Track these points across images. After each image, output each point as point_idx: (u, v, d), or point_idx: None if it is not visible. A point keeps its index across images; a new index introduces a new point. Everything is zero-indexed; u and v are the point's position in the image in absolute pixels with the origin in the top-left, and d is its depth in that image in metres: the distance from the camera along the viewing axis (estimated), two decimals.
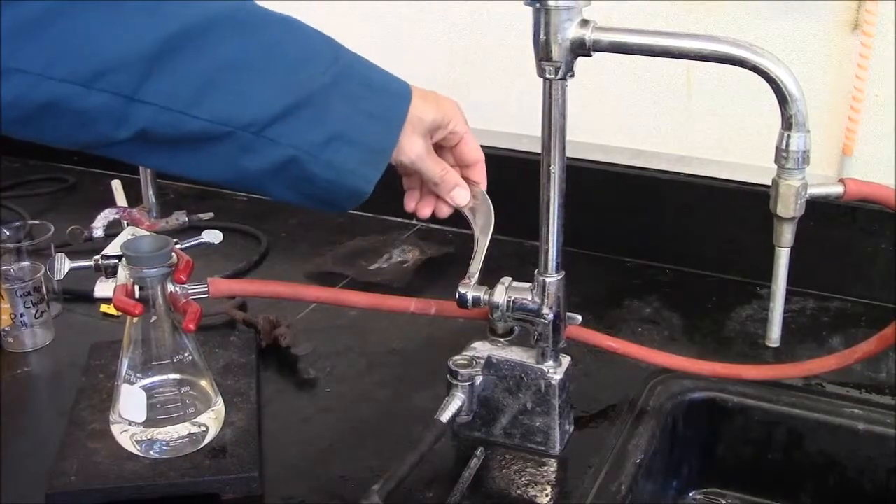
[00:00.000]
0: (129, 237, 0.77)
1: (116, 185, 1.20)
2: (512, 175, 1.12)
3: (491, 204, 0.76)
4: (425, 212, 0.77)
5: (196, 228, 1.04)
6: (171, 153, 0.59)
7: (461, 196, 0.75)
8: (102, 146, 0.57)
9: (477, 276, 0.74)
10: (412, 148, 0.67)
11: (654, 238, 1.08)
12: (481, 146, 1.17)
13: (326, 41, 0.63)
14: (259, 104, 0.58)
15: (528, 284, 0.74)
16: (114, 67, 0.53)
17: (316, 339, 0.91)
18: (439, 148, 0.74)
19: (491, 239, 0.75)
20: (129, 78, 0.54)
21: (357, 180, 0.64)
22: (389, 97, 0.65)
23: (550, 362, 0.74)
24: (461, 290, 0.74)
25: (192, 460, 0.71)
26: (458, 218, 1.18)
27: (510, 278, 0.75)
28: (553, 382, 0.74)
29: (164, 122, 0.56)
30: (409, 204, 0.77)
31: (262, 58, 0.58)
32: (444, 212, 0.76)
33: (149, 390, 0.72)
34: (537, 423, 0.75)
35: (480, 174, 0.77)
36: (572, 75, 0.67)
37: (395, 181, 1.19)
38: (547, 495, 0.71)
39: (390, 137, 0.65)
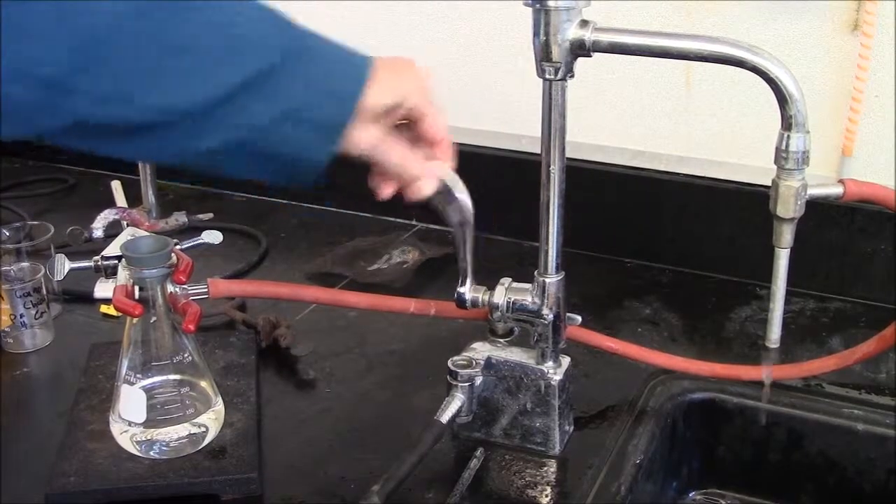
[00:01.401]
0: (129, 238, 0.77)
1: (116, 185, 1.20)
2: (512, 175, 1.12)
3: (465, 191, 0.69)
4: (386, 192, 0.71)
5: (196, 229, 1.04)
6: (110, 141, 0.56)
7: (425, 188, 0.68)
8: (36, 137, 0.55)
9: (469, 275, 0.73)
10: (363, 137, 0.63)
11: (654, 239, 1.08)
12: (480, 146, 1.18)
13: (275, 18, 0.60)
14: (205, 88, 0.55)
15: (527, 285, 0.74)
16: (41, 58, 0.50)
17: (315, 340, 0.91)
18: (401, 124, 0.68)
19: (490, 240, 0.74)
20: (57, 69, 0.51)
21: (312, 154, 0.61)
22: (344, 74, 0.61)
23: (550, 363, 0.74)
24: (460, 290, 0.74)
25: (191, 461, 0.71)
26: None
27: (510, 279, 0.75)
28: (553, 383, 0.74)
29: (99, 114, 0.53)
30: (371, 180, 0.71)
31: (206, 39, 0.55)
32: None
33: (148, 391, 0.72)
34: (537, 424, 0.75)
35: (445, 153, 0.70)
36: (572, 76, 0.67)
37: None
38: (547, 496, 0.71)
39: (345, 113, 0.61)
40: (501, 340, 0.77)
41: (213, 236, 0.92)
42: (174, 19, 0.54)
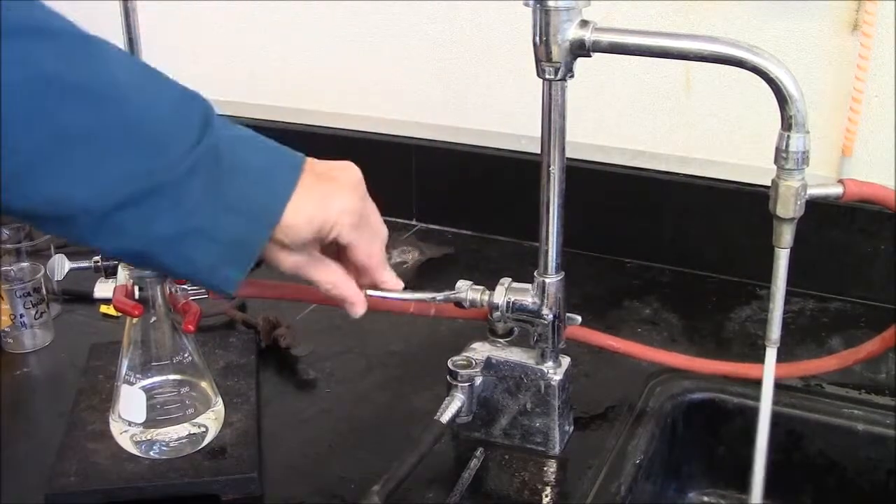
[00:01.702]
0: None
1: None
2: (511, 176, 1.12)
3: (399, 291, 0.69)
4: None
5: None
6: (35, 223, 0.53)
7: (355, 311, 0.65)
8: None
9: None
10: (282, 260, 0.59)
11: (654, 239, 1.08)
12: (480, 146, 1.18)
13: (195, 112, 0.53)
14: (101, 187, 0.49)
15: (527, 285, 0.74)
16: None
17: (315, 340, 0.91)
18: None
19: (490, 240, 0.74)
20: None
21: (217, 280, 0.56)
22: (263, 191, 0.56)
23: (550, 363, 0.74)
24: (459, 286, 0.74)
25: (191, 461, 0.71)
26: (458, 219, 1.19)
27: (510, 279, 0.75)
28: (553, 383, 0.74)
29: None
30: None
31: (113, 132, 0.49)
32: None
33: (148, 391, 0.72)
34: (537, 424, 0.75)
35: (380, 276, 0.66)
36: (572, 76, 0.67)
37: (394, 182, 1.20)
38: (547, 496, 0.71)
39: (258, 237, 0.56)
40: (501, 340, 0.77)
41: None
42: (74, 104, 0.48)
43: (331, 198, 0.59)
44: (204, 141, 0.53)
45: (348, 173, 0.62)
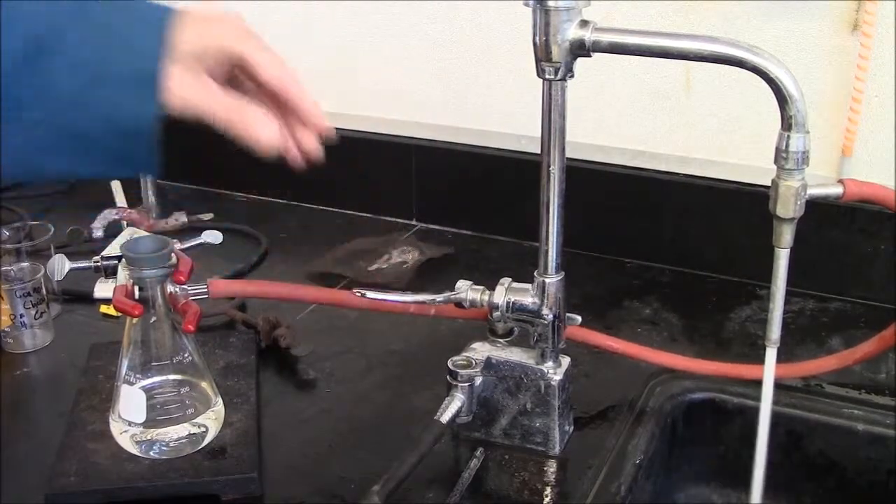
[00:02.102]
0: (129, 238, 0.77)
1: (116, 185, 1.21)
2: (511, 176, 1.12)
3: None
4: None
5: (196, 229, 1.04)
6: None
7: (262, 135, 0.60)
8: None
9: None
10: (182, 89, 0.55)
11: (654, 239, 1.08)
12: (480, 146, 1.18)
13: None
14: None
15: (527, 285, 0.74)
16: None
17: (315, 340, 0.91)
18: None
19: (490, 240, 0.74)
20: None
21: (133, 116, 0.54)
22: (143, 23, 0.55)
23: (550, 363, 0.74)
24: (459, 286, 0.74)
25: (191, 461, 0.71)
26: (458, 219, 1.19)
27: (510, 279, 0.75)
28: (553, 383, 0.74)
29: None
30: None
31: None
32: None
33: (148, 391, 0.72)
34: (537, 424, 0.75)
35: (307, 103, 0.64)
36: (572, 76, 0.67)
37: (394, 182, 1.20)
38: (547, 496, 0.71)
39: (152, 62, 0.54)
40: (501, 340, 0.77)
41: (213, 236, 0.92)
42: None
43: (215, 20, 0.58)
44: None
45: (224, 10, 0.60)
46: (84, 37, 0.52)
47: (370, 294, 0.77)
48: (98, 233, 1.11)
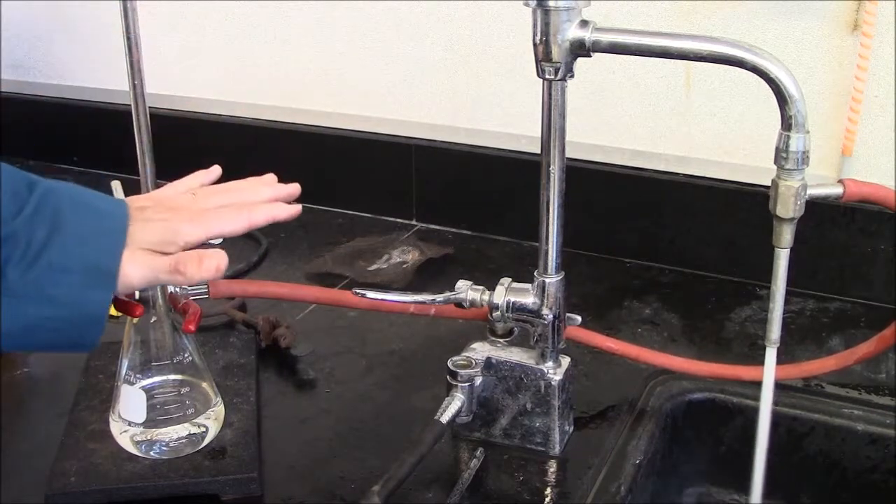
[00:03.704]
0: None
1: (116, 185, 1.20)
2: (511, 176, 1.12)
3: None
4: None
5: None
6: None
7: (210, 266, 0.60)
8: None
9: None
10: (136, 272, 0.58)
11: (654, 239, 1.08)
12: (480, 146, 1.18)
13: (19, 173, 0.55)
14: None
15: (527, 285, 0.74)
16: None
17: (315, 340, 0.91)
18: None
19: (490, 240, 0.74)
20: None
21: (87, 307, 0.55)
22: (101, 213, 0.58)
23: (550, 363, 0.74)
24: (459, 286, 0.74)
25: (191, 461, 0.71)
26: (458, 219, 1.19)
27: (510, 279, 0.75)
28: (553, 383, 0.74)
29: None
30: None
31: None
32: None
33: (148, 391, 0.72)
34: (537, 424, 0.75)
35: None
36: (572, 76, 0.67)
37: (394, 182, 1.20)
38: (547, 496, 0.71)
39: (113, 253, 0.56)
40: (501, 340, 0.77)
41: None
42: None
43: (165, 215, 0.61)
44: (38, 186, 0.55)
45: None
46: (47, 225, 0.54)
47: (370, 294, 0.77)
48: None
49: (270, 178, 0.72)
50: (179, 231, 0.61)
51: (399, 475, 0.66)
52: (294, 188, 0.71)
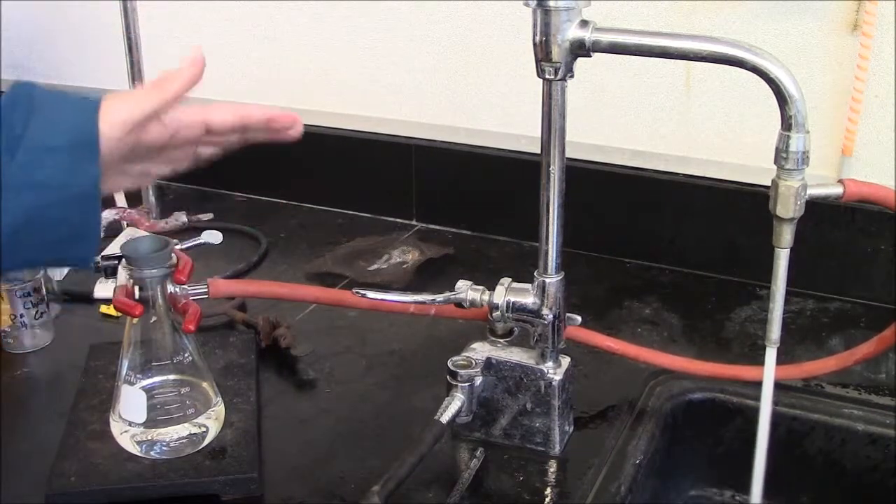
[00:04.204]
0: (129, 238, 0.77)
1: None
2: (511, 176, 1.12)
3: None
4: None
5: (196, 229, 1.04)
6: None
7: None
8: None
9: None
10: (123, 108, 0.59)
11: (654, 239, 1.08)
12: (480, 146, 1.18)
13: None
14: None
15: (527, 285, 0.74)
16: None
17: (315, 340, 0.91)
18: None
19: (490, 240, 0.74)
20: None
21: (77, 185, 0.56)
22: (74, 94, 0.58)
23: (550, 363, 0.74)
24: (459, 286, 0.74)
25: (191, 461, 0.71)
26: (458, 219, 1.19)
27: (510, 279, 0.75)
28: (553, 383, 0.74)
29: None
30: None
31: None
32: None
33: (149, 391, 0.72)
34: (537, 424, 0.75)
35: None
36: (572, 76, 0.67)
37: (394, 182, 1.20)
38: (547, 495, 0.71)
39: (90, 122, 0.57)
40: (501, 340, 0.77)
41: (213, 236, 0.92)
42: None
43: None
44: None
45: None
46: (17, 117, 0.55)
47: (370, 294, 0.77)
48: None
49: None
50: (165, 101, 0.61)
51: (399, 475, 0.66)
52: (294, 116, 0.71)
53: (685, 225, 1.06)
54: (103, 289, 0.98)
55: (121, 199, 1.17)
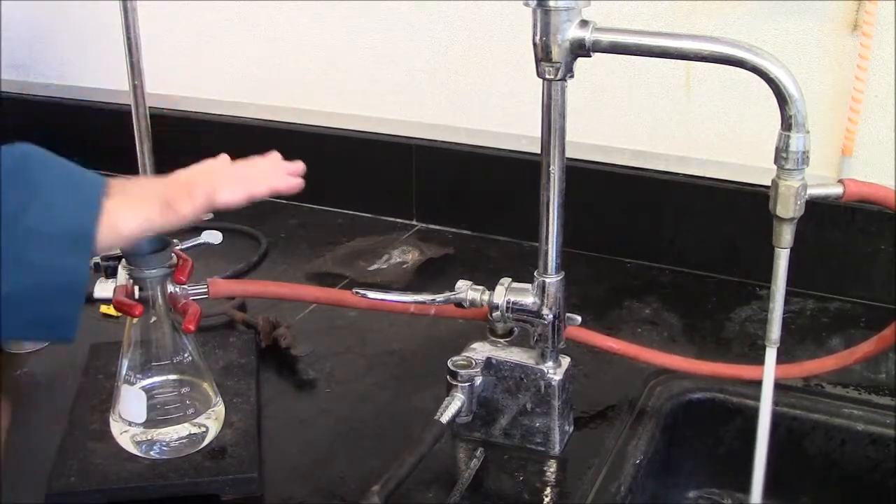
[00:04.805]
0: None
1: None
2: (511, 176, 1.12)
3: None
4: None
5: (195, 229, 1.04)
6: None
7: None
8: None
9: None
10: (128, 220, 0.58)
11: (654, 239, 1.08)
12: (480, 146, 1.18)
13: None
14: None
15: (527, 285, 0.74)
16: None
17: (315, 340, 0.91)
18: None
19: (490, 240, 0.75)
20: None
21: (65, 273, 0.55)
22: (77, 179, 0.58)
23: (550, 363, 0.74)
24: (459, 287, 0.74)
25: (191, 461, 0.71)
26: (458, 219, 1.19)
27: (510, 279, 0.75)
28: (553, 383, 0.74)
29: None
30: None
31: None
32: None
33: (149, 391, 0.72)
34: (537, 424, 0.75)
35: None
36: (572, 76, 0.67)
37: (394, 182, 1.20)
38: (547, 495, 0.71)
39: (90, 218, 0.56)
40: (501, 340, 0.77)
41: (213, 236, 0.92)
42: None
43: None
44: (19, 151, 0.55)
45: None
46: (14, 196, 0.53)
47: (370, 294, 0.77)
48: None
49: (275, 155, 0.73)
50: (174, 194, 0.61)
51: (399, 475, 0.66)
52: (298, 165, 0.71)
53: (685, 225, 1.06)
54: (103, 289, 0.98)
55: None
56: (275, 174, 0.70)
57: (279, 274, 1.08)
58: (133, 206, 0.58)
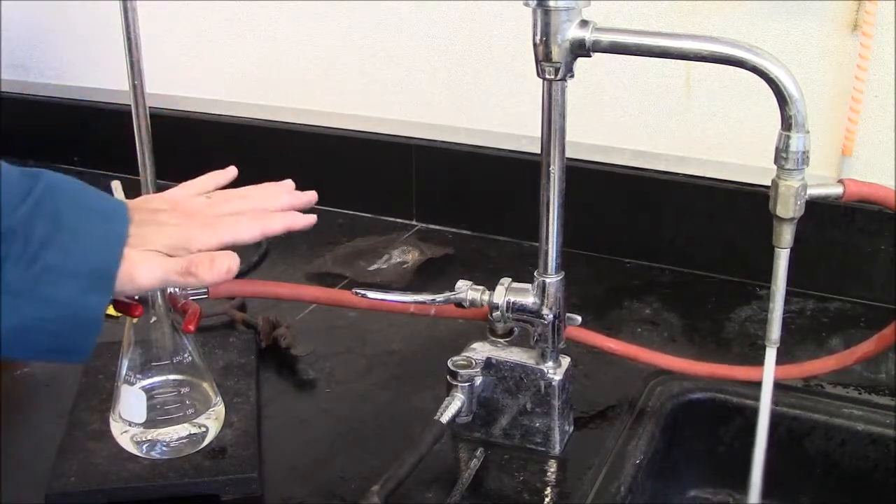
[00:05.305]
0: None
1: (116, 185, 1.20)
2: (511, 176, 1.12)
3: None
4: None
5: None
6: None
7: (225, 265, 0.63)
8: None
9: None
10: (147, 273, 0.57)
11: (654, 239, 1.08)
12: (480, 146, 1.18)
13: (15, 168, 0.55)
14: None
15: (527, 285, 0.74)
16: None
17: (315, 340, 0.91)
18: None
19: (490, 240, 0.74)
20: None
21: (84, 310, 0.55)
22: (102, 215, 0.57)
23: (550, 363, 0.74)
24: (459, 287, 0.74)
25: (191, 461, 0.71)
26: (458, 219, 1.19)
27: (510, 279, 0.75)
28: (553, 383, 0.74)
29: None
30: None
31: None
32: None
33: (148, 391, 0.72)
34: (537, 424, 0.75)
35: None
36: (572, 76, 0.67)
37: (394, 182, 1.20)
38: (547, 496, 0.71)
39: (113, 257, 0.56)
40: (501, 340, 0.77)
41: None
42: None
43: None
44: (41, 180, 0.55)
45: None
46: (48, 223, 0.53)
47: (370, 294, 0.77)
48: None
49: (288, 184, 0.73)
50: (193, 237, 0.61)
51: (399, 475, 0.66)
52: (311, 196, 0.72)
53: (685, 225, 1.06)
54: None
55: (119, 195, 1.17)
56: (289, 209, 0.70)
57: (279, 274, 1.08)
58: (153, 263, 0.58)
